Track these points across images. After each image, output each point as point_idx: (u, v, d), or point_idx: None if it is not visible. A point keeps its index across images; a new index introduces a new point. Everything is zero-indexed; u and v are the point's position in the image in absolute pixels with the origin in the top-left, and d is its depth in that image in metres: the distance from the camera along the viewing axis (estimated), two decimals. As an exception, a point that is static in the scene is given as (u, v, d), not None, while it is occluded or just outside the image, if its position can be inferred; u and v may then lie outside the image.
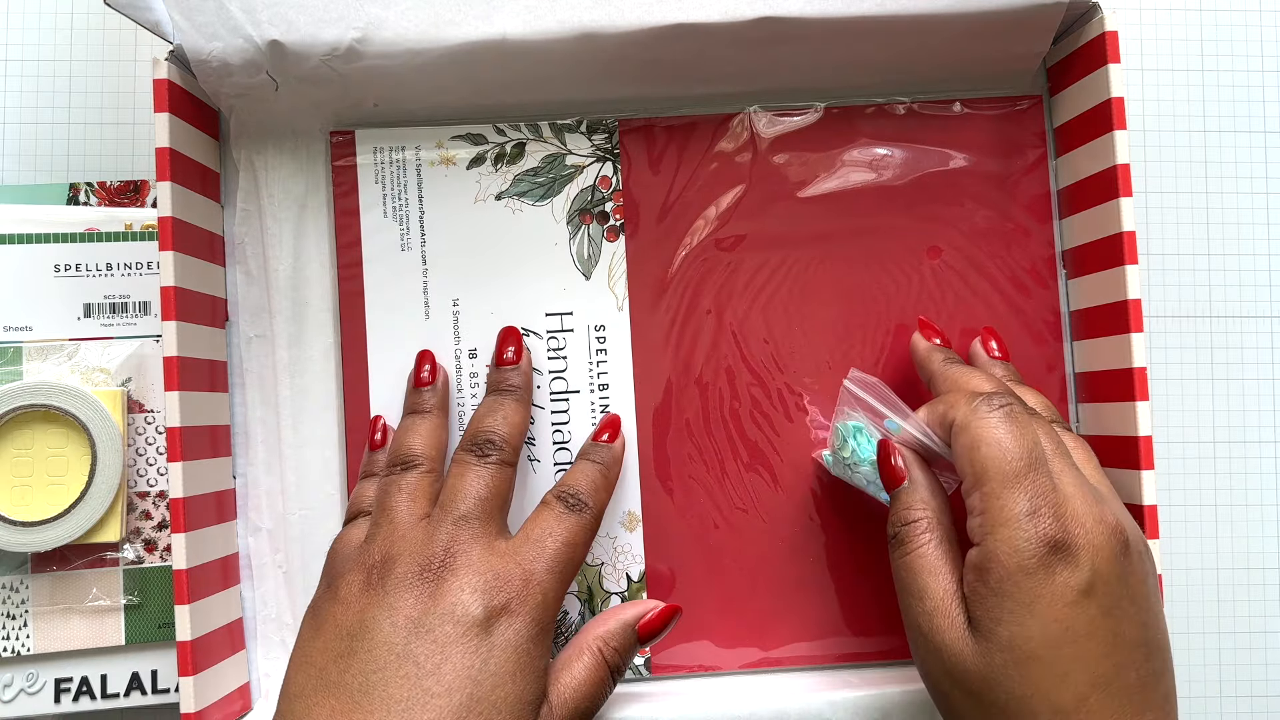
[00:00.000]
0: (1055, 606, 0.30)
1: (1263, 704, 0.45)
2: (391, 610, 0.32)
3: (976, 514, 0.32)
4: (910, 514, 0.34)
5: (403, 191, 0.42)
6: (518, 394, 0.38)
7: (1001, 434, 0.32)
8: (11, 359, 0.41)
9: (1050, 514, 0.30)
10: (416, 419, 0.39)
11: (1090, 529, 0.31)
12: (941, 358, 0.38)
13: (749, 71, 0.41)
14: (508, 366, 0.39)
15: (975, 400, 0.33)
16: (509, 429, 0.37)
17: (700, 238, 0.42)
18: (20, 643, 0.40)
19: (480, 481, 0.35)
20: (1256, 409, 0.46)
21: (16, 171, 0.44)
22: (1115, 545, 0.31)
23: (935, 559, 0.33)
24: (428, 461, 0.37)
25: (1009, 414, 0.32)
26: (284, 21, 0.38)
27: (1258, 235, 0.46)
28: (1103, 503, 0.32)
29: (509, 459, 0.36)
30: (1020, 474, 0.31)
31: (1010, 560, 0.30)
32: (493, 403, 0.38)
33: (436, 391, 0.40)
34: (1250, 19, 0.47)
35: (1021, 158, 0.43)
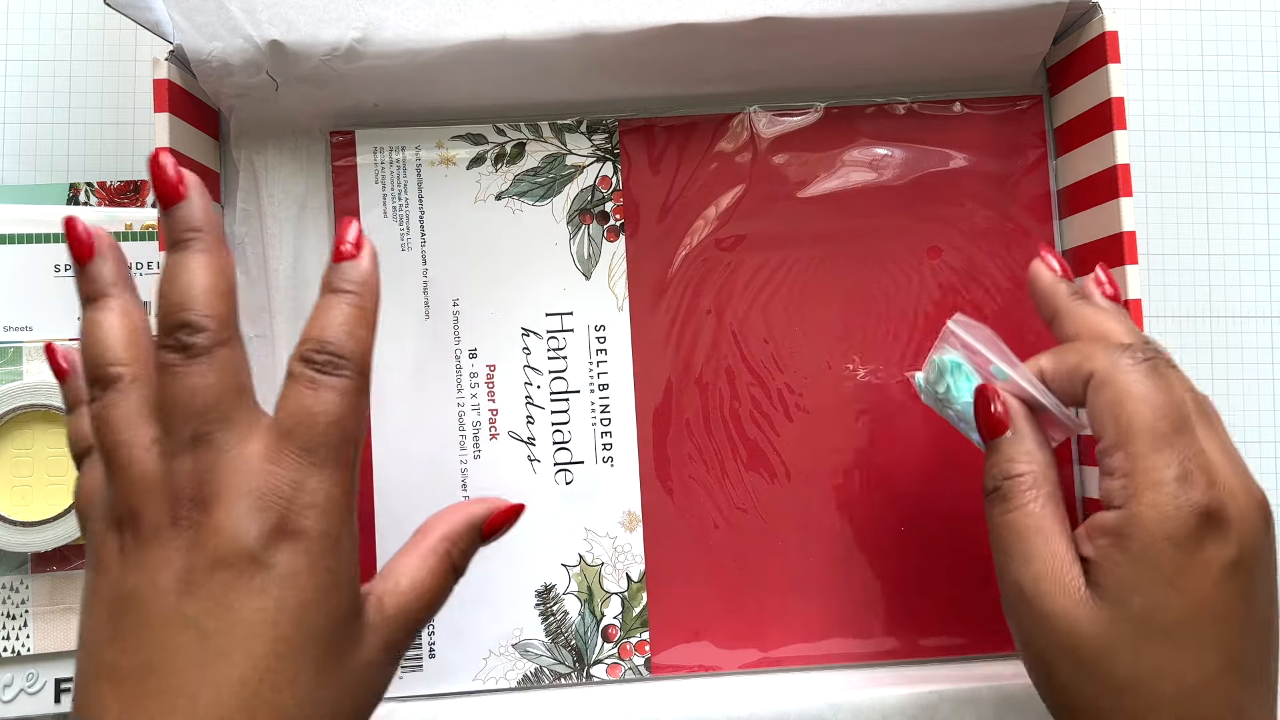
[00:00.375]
0: (1200, 581, 0.28)
1: (1263, 704, 0.45)
2: (154, 572, 0.26)
3: (1119, 475, 0.29)
4: (1014, 467, 0.31)
5: (403, 191, 0.42)
6: (201, 241, 0.29)
7: (1149, 389, 0.29)
8: (11, 359, 0.41)
9: (1203, 480, 0.28)
10: (96, 309, 0.29)
11: (1240, 500, 0.28)
12: (1068, 291, 0.34)
13: (749, 71, 0.41)
14: (174, 204, 0.29)
15: (1117, 351, 0.30)
16: (204, 295, 0.28)
17: (700, 238, 0.42)
18: (20, 643, 0.40)
19: (194, 385, 0.27)
20: (1256, 409, 0.46)
21: (16, 171, 0.44)
22: (1262, 519, 0.29)
23: (1044, 518, 0.30)
24: (129, 366, 0.29)
25: (1155, 368, 0.30)
26: (284, 21, 0.38)
27: (1258, 235, 0.46)
28: (1247, 471, 0.30)
29: (219, 336, 0.28)
30: (1171, 434, 0.28)
31: (1158, 528, 0.28)
32: (172, 265, 0.29)
33: (108, 263, 0.30)
34: (1250, 19, 0.47)
35: (1021, 158, 0.43)
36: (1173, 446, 0.28)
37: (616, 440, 0.42)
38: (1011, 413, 0.32)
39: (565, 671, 0.41)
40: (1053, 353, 0.32)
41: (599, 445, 0.42)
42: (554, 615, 0.41)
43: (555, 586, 0.41)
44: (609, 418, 0.42)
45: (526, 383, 0.42)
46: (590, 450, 0.42)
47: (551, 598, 0.41)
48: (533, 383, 0.42)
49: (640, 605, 0.41)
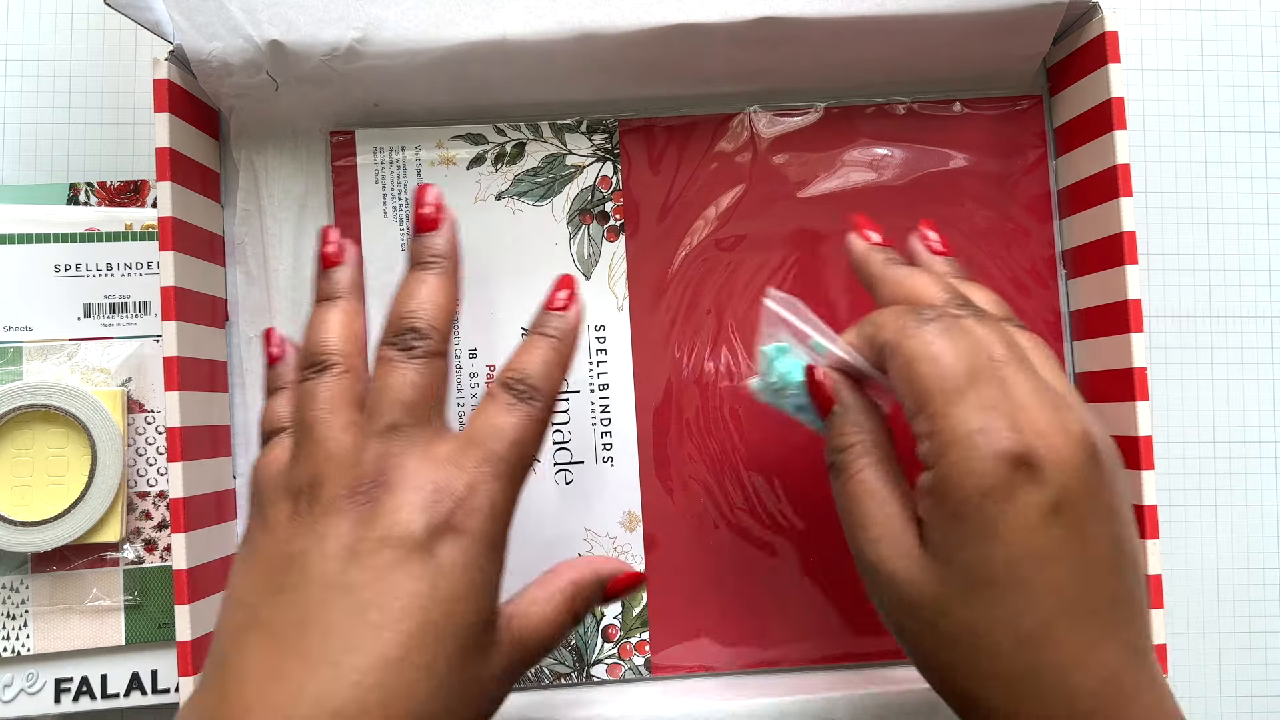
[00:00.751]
0: (1019, 529, 0.27)
1: (1263, 704, 0.45)
2: (323, 538, 0.28)
3: (925, 437, 0.29)
4: (845, 439, 0.32)
5: (403, 191, 0.42)
6: (441, 266, 0.33)
7: (938, 348, 0.29)
8: (11, 359, 0.41)
9: (1005, 426, 0.27)
10: (327, 308, 0.33)
11: (1053, 440, 0.27)
12: (881, 258, 0.35)
13: (749, 71, 0.41)
14: (428, 232, 0.34)
15: (906, 315, 0.30)
16: (434, 311, 0.32)
17: (700, 238, 0.42)
18: (20, 643, 0.40)
19: (407, 381, 0.30)
20: (1256, 409, 0.46)
21: (16, 171, 0.44)
22: (1082, 456, 0.28)
23: (875, 483, 0.30)
24: (345, 359, 0.32)
25: (944, 325, 0.29)
26: (284, 21, 0.38)
27: (1258, 235, 0.46)
28: (1065, 409, 0.28)
29: (437, 348, 0.31)
30: (964, 387, 0.28)
31: (967, 482, 0.27)
32: (412, 280, 0.33)
33: (347, 271, 0.34)
34: (1250, 19, 0.47)
35: (1021, 158, 0.43)
36: (967, 399, 0.28)
37: (616, 440, 0.42)
38: (835, 386, 0.32)
39: (565, 671, 0.41)
40: (854, 326, 0.32)
41: (599, 445, 0.42)
42: (554, 615, 0.41)
43: (555, 586, 0.41)
44: (609, 418, 0.42)
45: None
46: (590, 450, 0.42)
47: (551, 598, 0.41)
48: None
49: (640, 605, 0.41)
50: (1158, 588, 0.37)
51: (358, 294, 0.34)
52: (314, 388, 0.31)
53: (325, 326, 0.33)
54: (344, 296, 0.34)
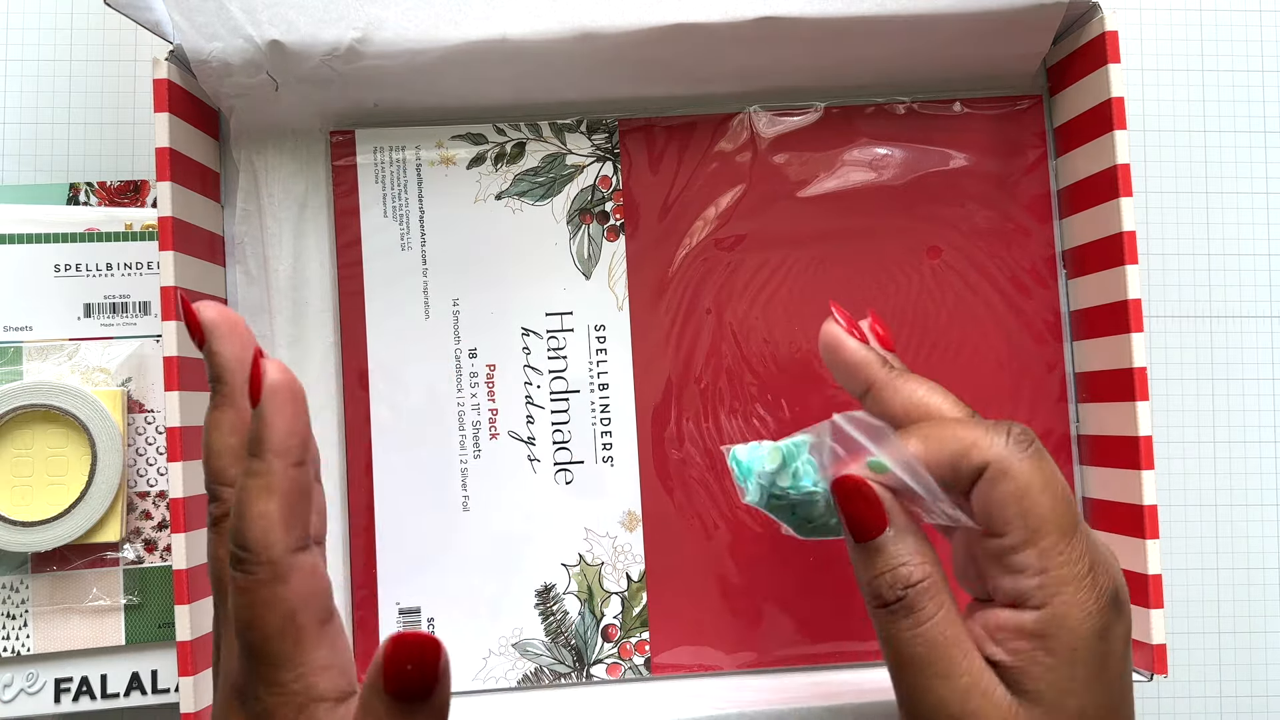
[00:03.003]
0: (1118, 660, 0.27)
1: (1263, 704, 0.45)
2: None
3: (1032, 574, 0.27)
4: (912, 572, 0.28)
5: (403, 191, 0.42)
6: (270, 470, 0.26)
7: (1050, 476, 0.27)
8: (11, 359, 0.41)
9: (1104, 567, 0.27)
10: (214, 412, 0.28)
11: (1116, 569, 0.28)
12: (882, 361, 0.32)
13: (749, 71, 0.41)
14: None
15: (1001, 438, 0.28)
16: (257, 521, 0.25)
17: (700, 237, 0.42)
18: (20, 643, 0.40)
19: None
20: (1256, 409, 0.46)
21: (16, 171, 0.44)
22: (1123, 579, 0.28)
23: (957, 628, 0.28)
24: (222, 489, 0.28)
25: (1040, 454, 0.28)
26: (284, 21, 0.38)
27: (1258, 235, 0.46)
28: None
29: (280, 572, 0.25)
30: (1075, 524, 0.27)
31: (1084, 625, 0.27)
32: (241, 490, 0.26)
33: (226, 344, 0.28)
34: (1250, 19, 0.47)
35: (1021, 158, 0.43)
36: (1080, 536, 0.27)
37: (616, 440, 0.42)
38: (887, 506, 0.28)
39: (565, 671, 0.41)
40: (922, 438, 0.29)
41: (599, 445, 0.42)
42: (554, 615, 0.41)
43: (555, 586, 0.41)
44: (609, 417, 0.42)
45: (526, 382, 0.42)
46: (590, 450, 0.42)
47: (551, 597, 0.41)
48: (533, 382, 0.42)
49: (640, 605, 0.41)
50: (1158, 588, 0.37)
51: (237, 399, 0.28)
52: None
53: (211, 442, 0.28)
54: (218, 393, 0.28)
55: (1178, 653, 0.45)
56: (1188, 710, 0.45)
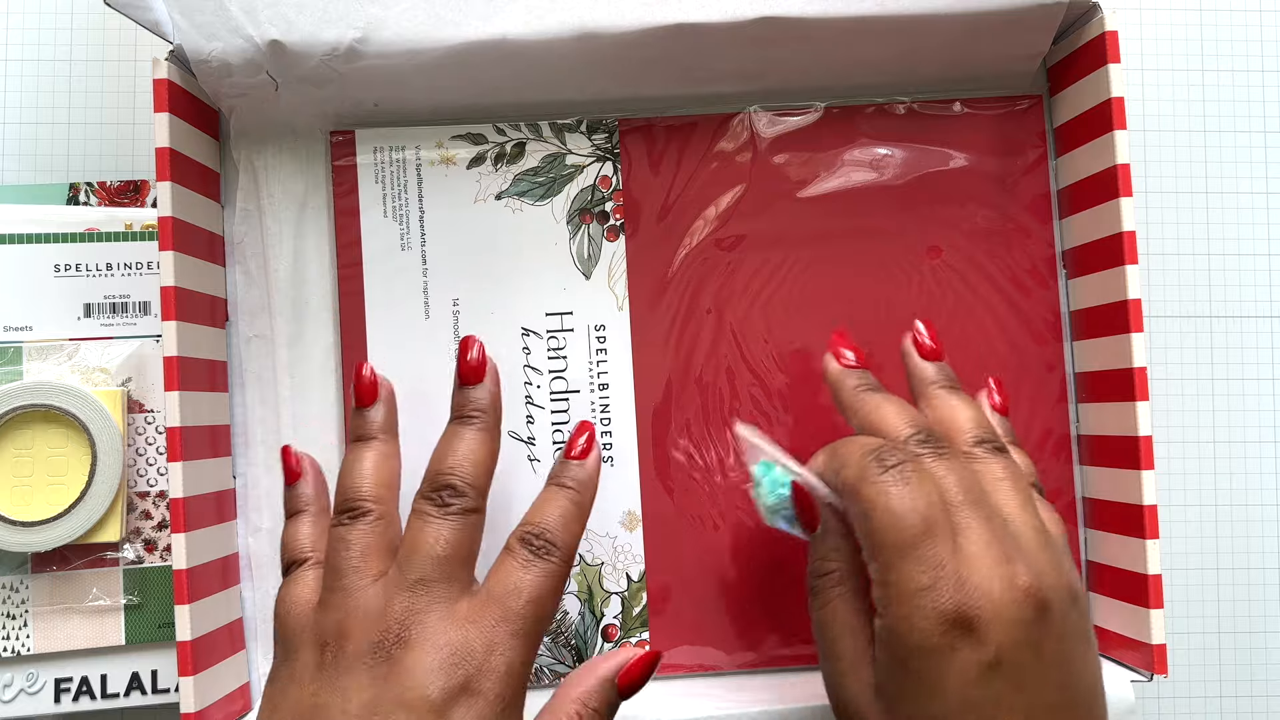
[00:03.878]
0: (959, 685, 0.28)
1: (1263, 704, 0.45)
2: (344, 694, 0.29)
3: (877, 585, 0.30)
4: (824, 564, 0.32)
5: (403, 191, 0.42)
6: (482, 421, 0.34)
7: (894, 499, 0.29)
8: (11, 359, 0.41)
9: (950, 586, 0.28)
10: (361, 449, 0.34)
11: (997, 598, 0.28)
12: (853, 383, 0.35)
13: (749, 71, 0.41)
14: (471, 385, 0.34)
15: (868, 459, 0.30)
16: (472, 469, 0.33)
17: (700, 237, 0.42)
18: (20, 643, 0.40)
19: (440, 537, 0.31)
20: (1256, 409, 0.46)
21: (16, 171, 0.44)
22: (1027, 613, 0.28)
23: (848, 614, 0.31)
24: (378, 505, 0.33)
25: (903, 474, 0.30)
26: (284, 21, 0.38)
27: (1258, 235, 0.46)
28: (1015, 559, 0.29)
29: (473, 505, 0.32)
30: (914, 543, 0.29)
31: (910, 638, 0.28)
32: (453, 434, 0.33)
33: (381, 410, 0.35)
34: (1250, 19, 0.47)
35: (1021, 158, 0.43)
36: (916, 554, 0.29)
37: (616, 440, 0.42)
38: (819, 508, 0.33)
39: (565, 671, 0.41)
40: (825, 453, 0.33)
41: (600, 444, 0.42)
42: (554, 615, 0.41)
43: (555, 586, 0.41)
44: (609, 418, 0.42)
45: (526, 382, 0.42)
46: (590, 450, 0.42)
47: (551, 598, 0.41)
48: (533, 382, 0.42)
49: (640, 605, 0.41)
50: (1158, 588, 0.37)
51: (392, 434, 0.35)
52: (347, 534, 0.32)
53: (360, 469, 0.34)
54: (379, 438, 0.35)
55: (1178, 653, 0.45)
56: (1188, 710, 0.45)
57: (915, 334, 0.36)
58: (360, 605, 0.31)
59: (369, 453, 0.34)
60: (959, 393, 0.35)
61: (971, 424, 0.34)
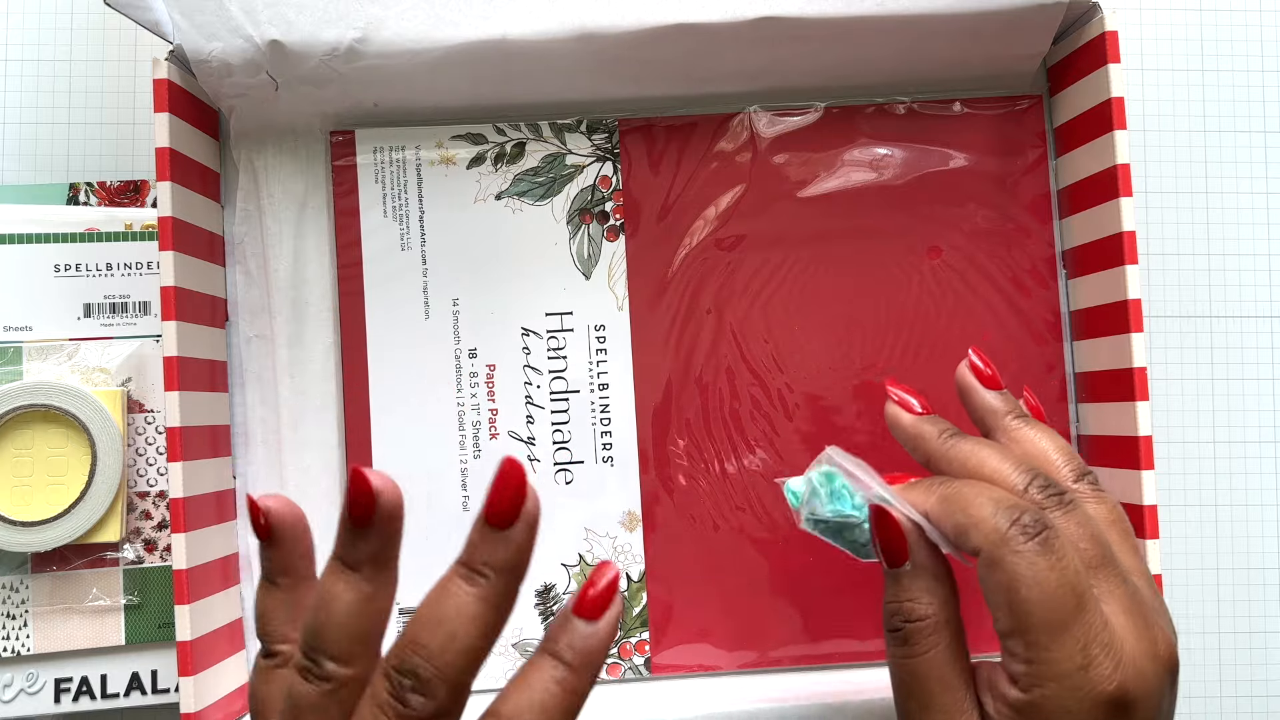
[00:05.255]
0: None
1: (1263, 704, 0.45)
2: None
3: (1020, 660, 0.27)
4: (915, 608, 0.29)
5: (403, 191, 0.42)
6: (490, 582, 0.25)
7: (1043, 572, 0.27)
8: (11, 359, 0.41)
9: (1109, 663, 0.27)
10: (340, 582, 0.25)
11: (1146, 672, 0.27)
12: (937, 432, 0.33)
13: (749, 71, 0.41)
14: (497, 526, 0.25)
15: (1004, 523, 0.28)
16: (454, 654, 0.24)
17: (700, 237, 0.42)
18: (20, 643, 0.40)
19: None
20: (1256, 409, 0.46)
21: (16, 171, 0.44)
22: (1166, 680, 0.28)
23: (945, 668, 0.29)
24: (349, 664, 0.25)
25: (1047, 543, 0.27)
26: (284, 21, 0.38)
27: (1258, 235, 0.46)
28: (1153, 624, 0.28)
29: (444, 707, 0.24)
30: (1069, 620, 0.27)
31: (1063, 718, 0.27)
32: (443, 593, 0.25)
33: (378, 536, 0.25)
34: (1250, 19, 0.47)
35: (1021, 158, 0.43)
36: (1071, 633, 0.27)
37: (616, 440, 0.42)
38: (911, 542, 0.30)
39: (565, 671, 0.41)
40: (938, 498, 0.30)
41: (599, 445, 0.42)
42: (553, 615, 0.41)
43: (555, 586, 0.41)
44: (609, 417, 0.42)
45: (526, 382, 0.42)
46: (590, 450, 0.42)
47: (551, 598, 0.41)
48: (533, 382, 0.42)
49: (640, 605, 0.41)
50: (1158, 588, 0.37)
51: (388, 568, 0.26)
52: (307, 697, 0.25)
53: (334, 613, 0.25)
54: (363, 571, 0.25)
55: (1178, 653, 0.45)
56: (1188, 710, 0.45)
57: (973, 364, 0.34)
58: None
59: (348, 592, 0.25)
60: (1034, 422, 0.33)
61: (1064, 457, 0.32)
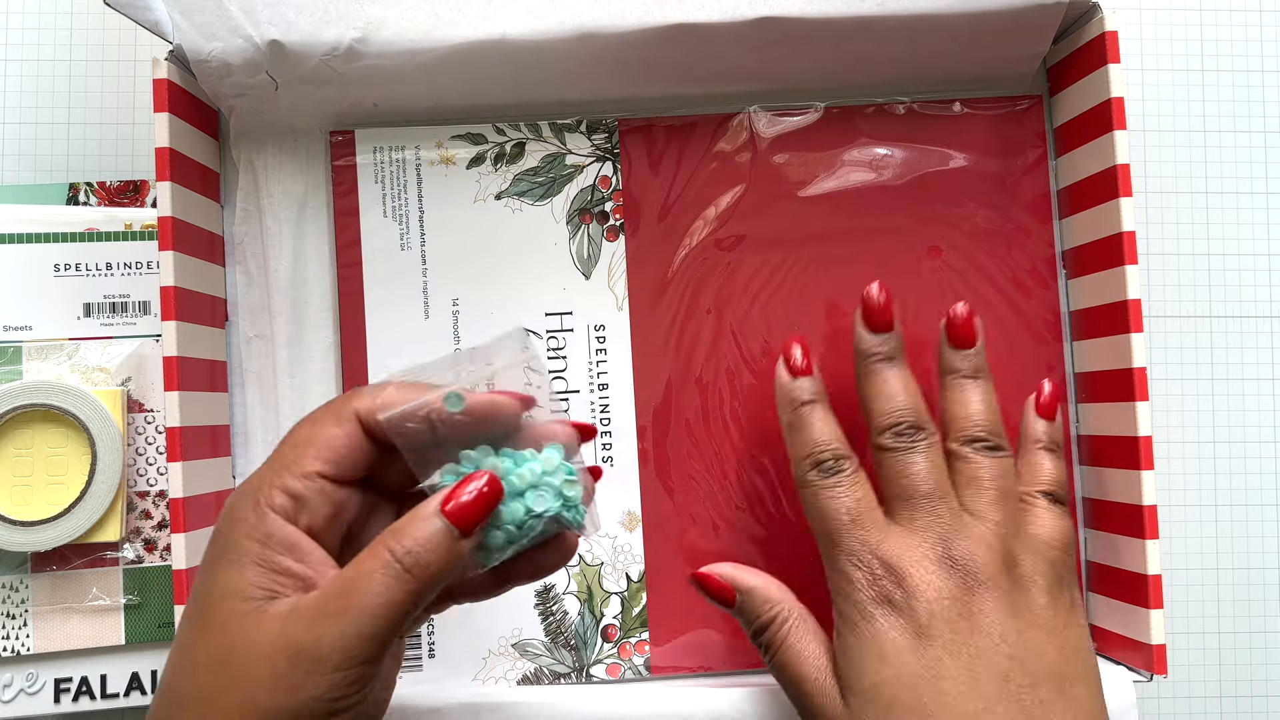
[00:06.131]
0: (899, 651, 0.31)
1: (1263, 704, 0.45)
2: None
3: None
4: (761, 619, 0.35)
5: (402, 191, 0.42)
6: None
7: (824, 505, 0.34)
8: (11, 359, 0.41)
9: (877, 563, 0.32)
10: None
11: (924, 571, 0.32)
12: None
13: (749, 71, 0.41)
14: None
15: (807, 469, 0.35)
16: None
17: (700, 237, 0.42)
18: (20, 643, 0.41)
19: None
20: (1256, 409, 0.46)
21: (16, 171, 0.44)
22: (953, 584, 0.32)
23: (799, 646, 0.34)
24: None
25: (832, 485, 0.34)
26: (284, 21, 0.38)
27: (1258, 235, 0.46)
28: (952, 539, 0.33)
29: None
30: (843, 532, 0.33)
31: (851, 612, 0.32)
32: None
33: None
34: (1250, 19, 0.47)
35: (1021, 158, 0.43)
36: (848, 542, 0.34)
37: (616, 440, 0.42)
38: (729, 578, 0.36)
39: (565, 671, 0.41)
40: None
41: (599, 445, 0.42)
42: (553, 615, 0.41)
43: (555, 586, 0.41)
44: (609, 418, 0.42)
45: (526, 383, 0.42)
46: (590, 450, 0.42)
47: (551, 598, 0.41)
48: (532, 383, 0.42)
49: (640, 605, 0.41)
50: (1158, 588, 0.37)
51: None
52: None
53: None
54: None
55: (1178, 653, 0.45)
56: (1188, 710, 0.45)
57: (866, 298, 0.36)
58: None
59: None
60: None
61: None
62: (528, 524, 0.29)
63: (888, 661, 0.31)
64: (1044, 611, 0.32)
